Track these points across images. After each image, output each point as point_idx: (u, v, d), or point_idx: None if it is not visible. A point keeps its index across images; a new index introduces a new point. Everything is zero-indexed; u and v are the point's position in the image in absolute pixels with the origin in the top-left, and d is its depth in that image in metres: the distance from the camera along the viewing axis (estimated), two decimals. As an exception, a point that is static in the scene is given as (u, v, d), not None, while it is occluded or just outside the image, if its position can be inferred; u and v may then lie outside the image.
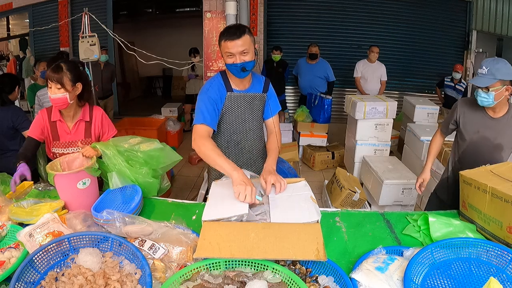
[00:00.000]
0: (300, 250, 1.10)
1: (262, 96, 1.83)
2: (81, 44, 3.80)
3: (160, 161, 1.73)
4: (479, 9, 6.11)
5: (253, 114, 1.82)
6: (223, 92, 1.73)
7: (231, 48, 1.57)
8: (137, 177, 1.67)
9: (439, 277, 1.11)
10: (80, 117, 1.89)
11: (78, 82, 1.81)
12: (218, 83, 1.75)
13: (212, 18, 3.34)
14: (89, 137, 1.91)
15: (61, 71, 1.74)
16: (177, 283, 1.03)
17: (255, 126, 1.86)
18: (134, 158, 1.69)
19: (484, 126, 1.84)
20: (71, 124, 1.89)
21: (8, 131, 2.52)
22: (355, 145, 3.98)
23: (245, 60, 1.60)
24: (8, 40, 8.15)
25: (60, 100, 1.75)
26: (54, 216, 1.30)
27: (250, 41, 1.60)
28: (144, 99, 9.96)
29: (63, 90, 1.74)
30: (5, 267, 1.12)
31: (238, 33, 1.55)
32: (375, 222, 1.50)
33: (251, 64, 1.63)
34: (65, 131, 1.88)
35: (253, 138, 1.87)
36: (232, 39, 1.56)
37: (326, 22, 6.35)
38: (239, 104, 1.77)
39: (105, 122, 1.95)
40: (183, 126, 6.06)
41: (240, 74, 1.65)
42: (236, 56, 1.58)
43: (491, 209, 1.30)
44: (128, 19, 8.64)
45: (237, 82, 1.75)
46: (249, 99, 1.79)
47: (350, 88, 5.88)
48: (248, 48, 1.58)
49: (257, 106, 1.82)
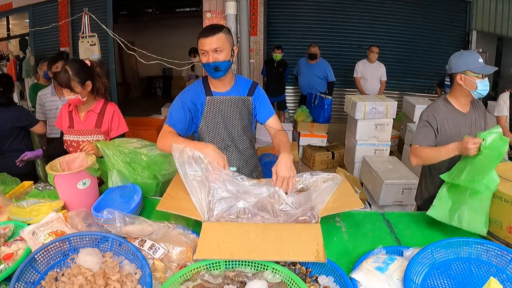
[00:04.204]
0: (300, 251, 1.10)
1: (245, 99, 1.76)
2: (81, 44, 3.80)
3: (162, 167, 1.74)
4: (479, 9, 6.11)
5: (235, 118, 1.75)
6: (201, 96, 1.70)
7: (204, 45, 1.55)
8: (135, 178, 1.68)
9: (439, 277, 1.10)
10: (92, 108, 2.00)
11: (87, 81, 1.91)
12: (197, 87, 1.73)
13: (212, 18, 3.34)
14: (99, 127, 2.00)
15: (69, 78, 1.83)
16: (177, 283, 1.03)
17: (239, 130, 1.78)
18: (137, 161, 1.71)
19: (463, 125, 1.81)
20: (82, 114, 2.01)
21: (12, 131, 2.53)
22: (355, 145, 3.98)
23: (218, 59, 1.56)
24: (8, 40, 8.15)
25: (74, 100, 1.90)
26: (58, 215, 1.30)
27: (225, 40, 1.57)
28: (144, 99, 9.97)
29: (73, 93, 1.87)
30: (14, 258, 1.14)
31: (212, 31, 1.54)
32: (375, 222, 1.50)
33: (224, 64, 1.59)
34: (78, 120, 2.01)
35: (239, 143, 1.80)
36: (205, 36, 1.54)
37: (326, 22, 6.36)
38: (219, 107, 1.72)
39: (115, 118, 2.03)
40: (183, 126, 6.05)
41: (213, 74, 1.62)
42: (209, 54, 1.55)
43: (491, 209, 1.30)
44: (128, 19, 8.65)
45: (216, 84, 1.72)
46: (229, 102, 1.73)
47: (350, 88, 5.88)
48: (221, 46, 1.55)
49: (240, 110, 1.75)
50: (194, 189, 1.34)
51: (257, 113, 1.82)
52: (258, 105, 1.81)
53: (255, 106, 1.81)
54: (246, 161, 1.85)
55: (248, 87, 1.79)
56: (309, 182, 1.49)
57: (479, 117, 1.87)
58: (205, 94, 1.71)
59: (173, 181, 1.48)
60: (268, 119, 1.81)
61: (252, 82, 1.82)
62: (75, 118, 2.01)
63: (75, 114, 2.00)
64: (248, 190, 1.39)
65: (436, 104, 1.88)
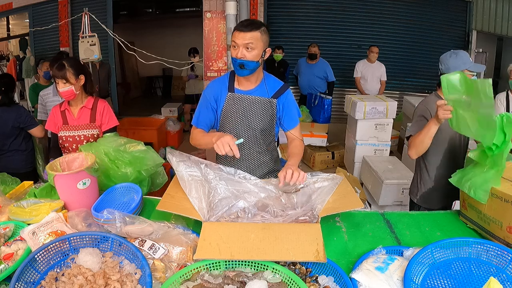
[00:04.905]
0: (300, 252, 1.11)
1: (269, 101, 1.68)
2: (81, 44, 3.80)
3: (143, 162, 1.76)
4: (479, 9, 6.11)
5: (255, 119, 1.69)
6: (223, 91, 1.68)
7: (237, 39, 1.51)
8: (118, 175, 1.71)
9: (439, 277, 1.10)
10: (84, 104, 2.10)
11: (80, 74, 2.02)
12: (221, 82, 1.70)
13: (212, 18, 3.34)
14: (94, 122, 2.10)
15: (64, 68, 1.96)
16: (177, 283, 1.03)
17: (258, 133, 1.71)
18: (121, 158, 1.73)
19: None
20: (76, 112, 2.10)
21: (12, 131, 2.54)
22: (355, 145, 3.98)
23: (246, 57, 1.52)
24: (8, 40, 8.14)
25: (68, 92, 1.98)
26: (58, 215, 1.30)
27: (259, 39, 1.52)
28: (144, 99, 9.97)
29: (69, 84, 1.97)
30: (14, 258, 1.14)
31: (248, 27, 1.50)
32: (375, 222, 1.50)
33: (251, 63, 1.55)
34: (72, 118, 2.10)
35: (255, 145, 1.74)
36: (240, 30, 1.51)
37: (326, 22, 6.35)
38: (239, 105, 1.68)
39: (105, 113, 2.12)
40: (183, 126, 6.06)
41: (238, 71, 1.58)
42: (239, 49, 1.52)
43: (491, 209, 1.30)
44: (128, 19, 8.64)
45: (241, 81, 1.67)
46: (250, 102, 1.67)
47: (350, 88, 5.88)
48: (253, 44, 1.51)
49: (261, 111, 1.68)
50: (193, 190, 1.34)
51: (282, 118, 1.73)
52: (282, 109, 1.72)
53: (279, 109, 1.72)
54: (259, 165, 1.78)
55: (276, 89, 1.70)
56: (309, 182, 1.49)
57: None
58: (227, 90, 1.68)
59: (172, 181, 1.48)
60: (291, 129, 1.73)
61: (282, 85, 1.72)
62: (68, 116, 2.08)
63: (69, 112, 2.08)
64: (249, 189, 1.39)
65: (428, 98, 1.98)
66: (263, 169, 1.80)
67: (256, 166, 1.79)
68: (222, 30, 3.33)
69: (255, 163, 1.79)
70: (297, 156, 1.61)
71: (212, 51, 3.45)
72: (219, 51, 3.43)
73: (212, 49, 3.44)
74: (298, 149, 1.66)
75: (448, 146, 1.92)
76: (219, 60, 3.46)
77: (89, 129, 2.07)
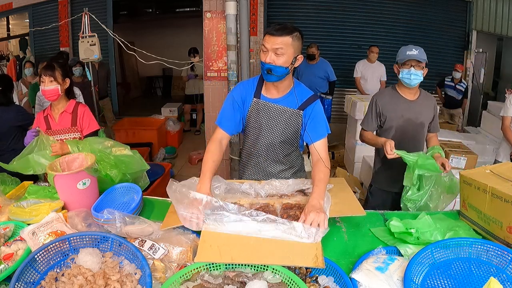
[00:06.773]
0: (299, 257, 1.11)
1: (295, 112, 1.60)
2: (81, 44, 3.80)
3: (129, 167, 1.79)
4: (479, 9, 6.11)
5: (277, 130, 1.62)
6: (249, 96, 1.62)
7: (267, 43, 1.45)
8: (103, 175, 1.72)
9: (439, 277, 1.10)
10: (65, 109, 2.17)
11: (66, 77, 2.13)
12: (249, 85, 1.63)
13: (212, 18, 3.33)
14: (75, 125, 2.17)
15: (54, 67, 2.06)
16: (177, 283, 1.03)
17: (277, 143, 1.65)
18: (106, 159, 1.75)
19: (407, 110, 2.06)
20: (57, 117, 2.17)
21: (11, 130, 2.54)
22: (355, 145, 3.97)
23: (274, 62, 1.45)
24: (8, 40, 8.14)
25: (53, 91, 2.05)
26: (58, 215, 1.30)
27: (290, 45, 1.44)
28: (144, 99, 9.96)
29: (55, 82, 2.05)
30: (14, 258, 1.14)
31: (279, 32, 1.43)
32: (375, 222, 1.50)
33: (280, 69, 1.46)
34: (54, 122, 2.17)
35: (275, 157, 1.68)
36: (271, 34, 1.44)
37: (326, 22, 6.35)
38: (262, 113, 1.61)
39: (85, 118, 2.19)
40: (183, 126, 6.06)
41: (266, 75, 1.50)
42: (268, 53, 1.45)
43: (491, 209, 1.30)
44: (128, 19, 8.63)
45: (269, 87, 1.60)
46: (274, 111, 1.60)
47: (350, 88, 5.88)
48: (283, 50, 1.44)
49: (285, 122, 1.60)
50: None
51: (307, 130, 1.61)
52: (309, 122, 1.61)
53: (305, 122, 1.62)
54: (274, 174, 1.73)
55: (304, 99, 1.61)
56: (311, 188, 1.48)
57: (428, 107, 2.10)
58: (253, 95, 1.62)
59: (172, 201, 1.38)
60: (314, 143, 1.59)
61: (311, 95, 1.64)
62: (51, 121, 2.15)
63: (51, 118, 2.16)
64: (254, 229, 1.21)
65: (383, 90, 2.28)
66: (279, 176, 1.74)
67: (272, 174, 1.74)
68: (222, 30, 3.33)
69: (271, 171, 1.75)
70: (322, 183, 1.41)
71: (212, 51, 3.44)
72: (219, 51, 3.43)
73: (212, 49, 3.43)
74: (323, 173, 1.46)
75: (395, 133, 2.09)
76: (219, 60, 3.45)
77: (70, 132, 2.14)
